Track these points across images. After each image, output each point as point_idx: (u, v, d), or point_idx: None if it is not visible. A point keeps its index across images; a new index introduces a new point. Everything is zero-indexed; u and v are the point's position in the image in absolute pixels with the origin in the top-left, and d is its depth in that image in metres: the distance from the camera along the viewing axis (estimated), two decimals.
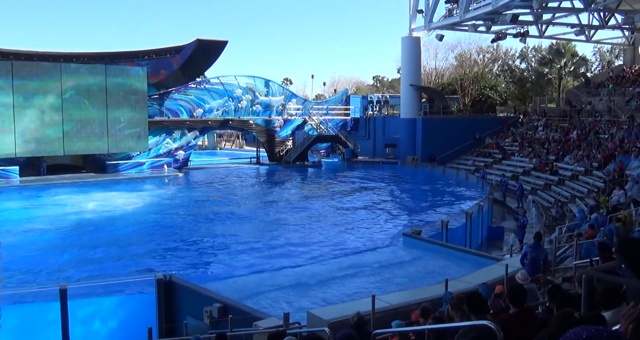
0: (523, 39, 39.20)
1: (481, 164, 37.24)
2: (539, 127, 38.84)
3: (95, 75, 36.61)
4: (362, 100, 53.45)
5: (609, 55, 61.88)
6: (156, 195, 31.13)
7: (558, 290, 5.30)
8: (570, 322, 2.90)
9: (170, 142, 41.88)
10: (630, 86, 37.58)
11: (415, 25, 43.11)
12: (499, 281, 10.00)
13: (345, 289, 13.30)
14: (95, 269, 16.57)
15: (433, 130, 42.67)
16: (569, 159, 29.69)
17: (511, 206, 27.55)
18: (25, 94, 34.49)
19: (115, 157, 38.68)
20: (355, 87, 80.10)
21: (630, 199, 17.81)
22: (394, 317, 8.20)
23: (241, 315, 9.95)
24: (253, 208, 27.82)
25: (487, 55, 66.34)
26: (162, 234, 21.60)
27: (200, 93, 42.90)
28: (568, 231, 17.46)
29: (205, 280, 14.64)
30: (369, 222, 24.09)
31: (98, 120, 36.87)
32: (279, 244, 19.72)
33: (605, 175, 23.71)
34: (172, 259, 18.14)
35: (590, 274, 4.10)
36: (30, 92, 34.61)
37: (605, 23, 35.78)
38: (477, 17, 34.18)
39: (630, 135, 27.36)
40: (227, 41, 40.07)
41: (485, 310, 4.82)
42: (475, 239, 19.97)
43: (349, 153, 47.10)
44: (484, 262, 13.46)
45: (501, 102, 58.31)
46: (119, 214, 25.33)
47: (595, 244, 10.58)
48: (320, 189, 33.71)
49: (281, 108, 46.85)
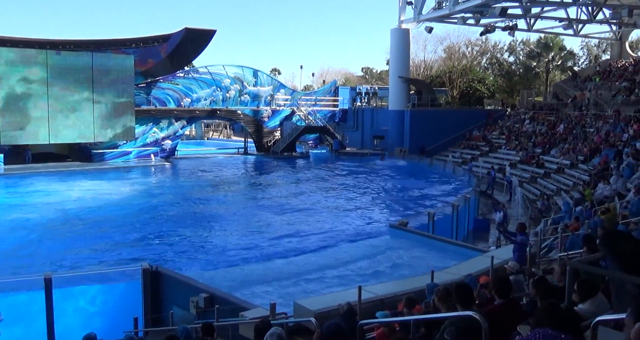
0: (511, 32, 39.29)
1: (468, 156, 37.39)
2: (526, 120, 39.06)
3: (81, 63, 36.20)
4: (350, 92, 53.43)
5: (596, 49, 62.29)
6: (142, 185, 30.95)
7: (542, 281, 5.35)
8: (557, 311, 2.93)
9: (157, 131, 41.62)
10: (617, 80, 37.86)
11: (404, 17, 43.06)
12: (485, 272, 10.08)
13: (332, 280, 13.34)
14: (80, 258, 16.47)
15: (421, 123, 42.75)
16: (555, 152, 29.91)
17: (498, 198, 27.71)
18: (10, 81, 34.05)
19: (101, 146, 38.34)
20: (344, 79, 79.97)
21: (615, 192, 17.99)
22: (380, 308, 8.23)
23: (228, 305, 9.95)
24: (240, 199, 27.75)
25: (475, 48, 66.49)
26: (148, 224, 21.48)
27: (188, 82, 42.63)
28: (553, 223, 17.62)
29: (192, 270, 14.62)
30: (356, 213, 24.15)
31: (84, 108, 36.51)
32: (265, 235, 19.71)
33: (590, 169, 23.92)
34: (158, 248, 18.07)
35: (574, 265, 4.14)
36: (15, 79, 34.18)
37: (593, 17, 35.93)
38: (466, 9, 34.21)
39: (615, 129, 27.59)
40: (216, 30, 39.83)
41: (472, 301, 4.85)
42: (461, 231, 20.07)
43: (336, 144, 47.11)
44: (470, 254, 13.55)
45: (489, 95, 58.58)
46: (104, 203, 25.14)
47: (580, 237, 10.69)
48: (308, 180, 33.69)
49: (269, 98, 46.71)
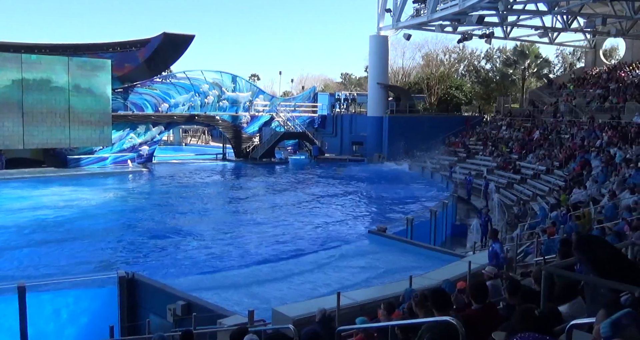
0: (488, 40, 39.78)
1: (446, 162, 37.68)
2: (503, 126, 39.53)
3: (57, 67, 35.71)
4: (329, 98, 53.56)
5: (571, 57, 63.34)
6: (119, 191, 30.59)
7: (518, 286, 5.39)
8: (531, 317, 2.95)
9: (134, 136, 41.19)
10: (591, 88, 38.54)
11: (383, 24, 43.37)
12: (462, 277, 10.14)
13: (310, 286, 13.31)
14: (55, 266, 16.18)
15: (399, 129, 43.04)
16: (531, 158, 30.31)
17: (475, 204, 27.95)
18: None
19: (77, 152, 37.83)
20: (323, 85, 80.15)
21: (590, 197, 18.27)
22: (359, 314, 8.22)
23: (205, 312, 9.85)
24: (218, 204, 27.58)
25: (453, 56, 67.20)
26: (124, 231, 21.23)
27: (166, 87, 42.31)
28: (530, 229, 17.83)
29: (169, 277, 14.46)
30: (335, 219, 24.15)
31: (60, 113, 35.96)
32: (243, 241, 19.61)
33: (566, 174, 24.27)
34: (134, 255, 17.85)
35: (550, 270, 4.18)
36: None
37: (568, 26, 36.56)
38: (444, 17, 34.53)
39: (590, 136, 28.06)
40: (194, 35, 39.75)
41: (449, 306, 4.87)
42: (439, 236, 20.20)
43: (315, 150, 47.13)
44: (448, 259, 13.64)
45: (466, 102, 59.19)
46: (79, 210, 24.78)
47: (555, 241, 10.81)
48: (287, 186, 33.63)
49: (248, 104, 46.57)
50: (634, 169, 19.33)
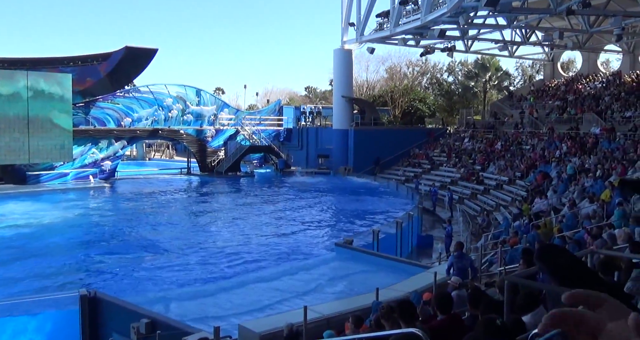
0: (450, 53, 40.52)
1: (411, 174, 38.07)
2: (465, 138, 40.19)
3: (16, 82, 34.84)
4: (295, 111, 53.61)
5: (530, 70, 65.06)
6: (80, 208, 29.88)
7: (480, 296, 5.43)
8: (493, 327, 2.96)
9: (96, 152, 40.38)
10: (550, 99, 39.58)
11: (347, 38, 43.76)
12: (429, 289, 10.19)
13: (277, 300, 13.18)
14: (13, 285, 15.65)
15: (365, 141, 43.33)
16: (493, 169, 30.84)
17: (440, 215, 28.25)
18: None
19: (36, 168, 36.86)
20: (288, 98, 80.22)
21: (551, 206, 18.66)
22: (326, 328, 8.18)
23: (170, 330, 9.65)
24: (182, 219, 27.20)
25: (416, 69, 68.28)
26: (85, 248, 20.70)
27: (128, 102, 41.71)
28: (493, 238, 18.09)
29: (132, 295, 14.14)
30: (301, 232, 24.06)
31: (18, 128, 35.00)
32: (208, 256, 19.35)
33: (527, 185, 24.77)
34: (96, 274, 17.42)
35: (512, 280, 4.22)
36: None
37: (526, 39, 37.55)
38: (407, 31, 35.05)
39: (550, 146, 28.75)
40: (157, 49, 39.29)
41: (415, 317, 4.87)
42: (405, 248, 20.31)
43: (281, 163, 47.05)
44: (414, 271, 13.67)
45: (430, 114, 60.05)
46: (38, 228, 24.07)
47: (518, 251, 10.97)
48: (252, 200, 33.42)
49: (213, 118, 46.26)
50: (592, 178, 19.85)
